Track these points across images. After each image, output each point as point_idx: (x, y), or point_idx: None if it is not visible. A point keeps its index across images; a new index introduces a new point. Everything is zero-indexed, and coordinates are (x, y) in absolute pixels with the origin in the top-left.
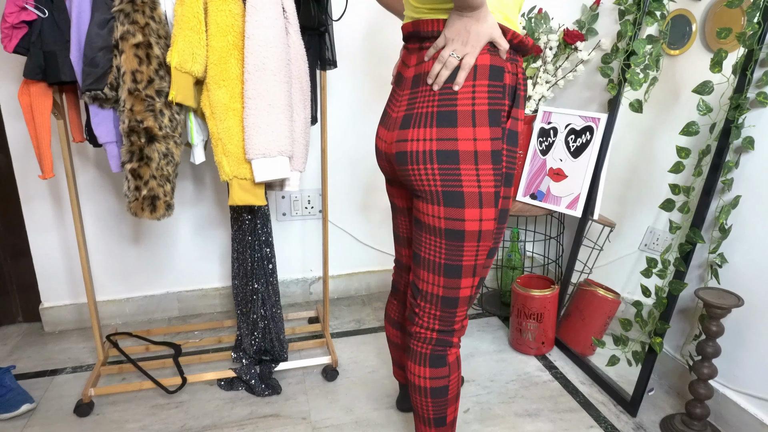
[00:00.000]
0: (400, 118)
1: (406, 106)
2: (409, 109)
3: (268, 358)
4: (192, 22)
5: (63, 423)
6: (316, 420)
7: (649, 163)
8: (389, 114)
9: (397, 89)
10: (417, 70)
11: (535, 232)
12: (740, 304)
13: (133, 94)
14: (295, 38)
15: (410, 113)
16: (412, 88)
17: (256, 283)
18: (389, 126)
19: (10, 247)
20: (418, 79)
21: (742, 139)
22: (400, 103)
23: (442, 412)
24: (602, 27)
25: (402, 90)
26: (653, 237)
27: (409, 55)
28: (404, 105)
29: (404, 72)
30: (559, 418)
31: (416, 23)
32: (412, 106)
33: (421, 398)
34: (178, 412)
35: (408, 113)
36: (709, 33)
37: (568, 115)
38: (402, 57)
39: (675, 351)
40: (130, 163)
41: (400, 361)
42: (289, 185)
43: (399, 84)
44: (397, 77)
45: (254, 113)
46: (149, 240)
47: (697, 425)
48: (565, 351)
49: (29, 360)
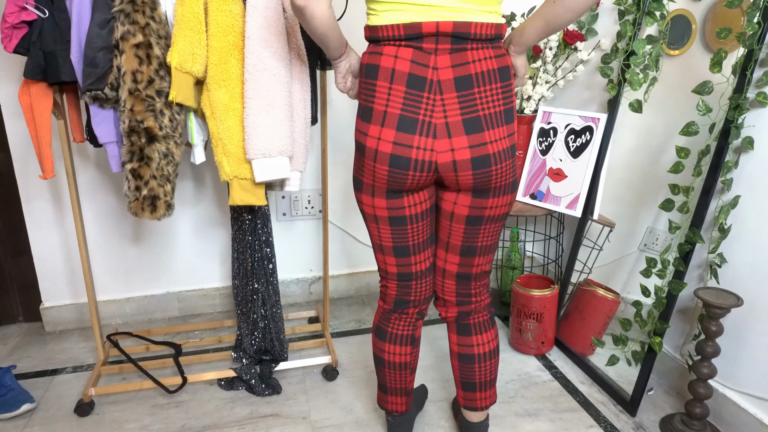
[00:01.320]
0: (459, 123)
1: (460, 110)
2: (470, 113)
3: (268, 358)
4: (192, 23)
5: (63, 423)
6: (316, 420)
7: (649, 163)
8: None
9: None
10: (458, 72)
11: (534, 232)
12: (740, 303)
13: (133, 94)
14: (295, 38)
15: (474, 116)
16: (460, 90)
17: (257, 283)
18: (434, 133)
19: (11, 247)
20: (466, 82)
21: (742, 139)
22: (444, 107)
23: (497, 369)
24: (602, 27)
25: (433, 93)
26: (653, 237)
27: (427, 56)
28: (455, 109)
29: (425, 74)
30: (558, 418)
31: (464, 25)
32: (473, 109)
33: (488, 363)
34: (179, 412)
35: (470, 117)
36: (708, 33)
37: (568, 115)
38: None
39: (674, 351)
40: (130, 163)
41: (408, 385)
42: (289, 185)
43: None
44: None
45: (254, 113)
46: (149, 240)
47: (697, 425)
48: (565, 351)
49: (30, 360)
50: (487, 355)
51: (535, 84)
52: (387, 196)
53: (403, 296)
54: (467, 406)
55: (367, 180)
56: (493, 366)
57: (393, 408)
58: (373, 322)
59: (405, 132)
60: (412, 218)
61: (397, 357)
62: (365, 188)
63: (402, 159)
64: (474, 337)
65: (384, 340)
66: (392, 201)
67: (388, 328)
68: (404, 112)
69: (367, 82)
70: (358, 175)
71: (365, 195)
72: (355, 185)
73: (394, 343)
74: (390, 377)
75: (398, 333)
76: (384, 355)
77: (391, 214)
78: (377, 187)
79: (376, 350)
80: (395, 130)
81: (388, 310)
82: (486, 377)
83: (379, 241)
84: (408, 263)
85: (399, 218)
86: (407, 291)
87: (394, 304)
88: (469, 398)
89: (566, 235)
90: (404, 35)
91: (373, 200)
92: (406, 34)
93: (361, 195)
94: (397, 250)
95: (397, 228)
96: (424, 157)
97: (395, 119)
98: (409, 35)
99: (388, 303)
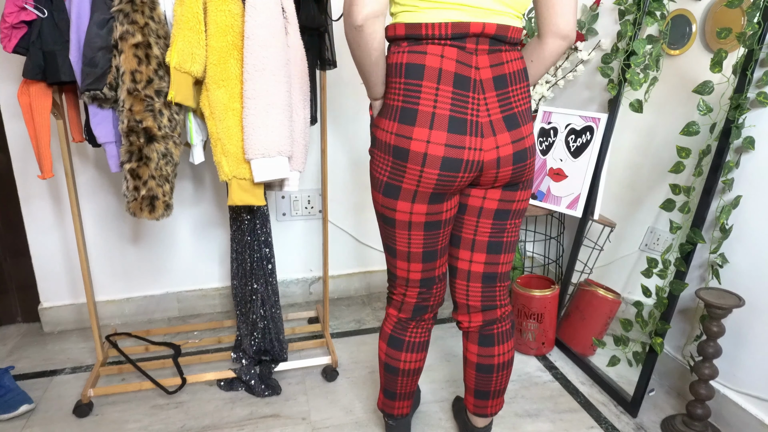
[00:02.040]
0: (500, 120)
1: (500, 108)
2: (507, 110)
3: (268, 359)
4: (191, 22)
5: (62, 423)
6: (316, 420)
7: (650, 163)
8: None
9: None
10: (496, 72)
11: (535, 232)
12: (741, 304)
13: (132, 94)
14: (295, 38)
15: (511, 113)
16: (498, 89)
17: (256, 284)
18: (481, 132)
19: (10, 247)
20: (502, 81)
21: (743, 139)
22: (487, 105)
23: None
24: (602, 27)
25: (477, 93)
26: (654, 237)
27: (470, 56)
28: (495, 107)
29: (469, 73)
30: (559, 419)
31: (504, 28)
32: (509, 106)
33: (505, 372)
34: (178, 413)
35: (508, 113)
36: (709, 33)
37: (568, 115)
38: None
39: (676, 351)
40: (129, 163)
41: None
42: (288, 185)
43: (466, 87)
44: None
45: (253, 113)
46: (149, 240)
47: (698, 426)
48: (566, 351)
49: (28, 360)
50: (506, 364)
51: (536, 84)
52: (430, 200)
53: (423, 302)
54: (477, 413)
55: (408, 186)
56: (508, 374)
57: (399, 412)
58: (384, 331)
59: (457, 133)
60: (446, 222)
61: (412, 365)
62: (403, 194)
63: (455, 161)
64: (496, 347)
65: (401, 350)
66: (433, 206)
67: (406, 337)
68: (453, 113)
69: (409, 83)
70: (392, 180)
71: (402, 202)
72: (386, 192)
73: (412, 352)
74: (402, 384)
75: (416, 341)
76: (399, 364)
77: (428, 219)
78: (421, 192)
79: (388, 360)
80: (446, 132)
81: (405, 318)
82: (501, 386)
83: (407, 248)
84: (433, 267)
85: (435, 223)
86: (428, 297)
87: (413, 312)
88: (480, 405)
89: (567, 235)
90: (451, 34)
91: (412, 206)
92: (453, 33)
93: (395, 202)
94: (426, 255)
95: (430, 233)
96: (475, 157)
97: (445, 120)
98: (456, 34)
99: (405, 311)
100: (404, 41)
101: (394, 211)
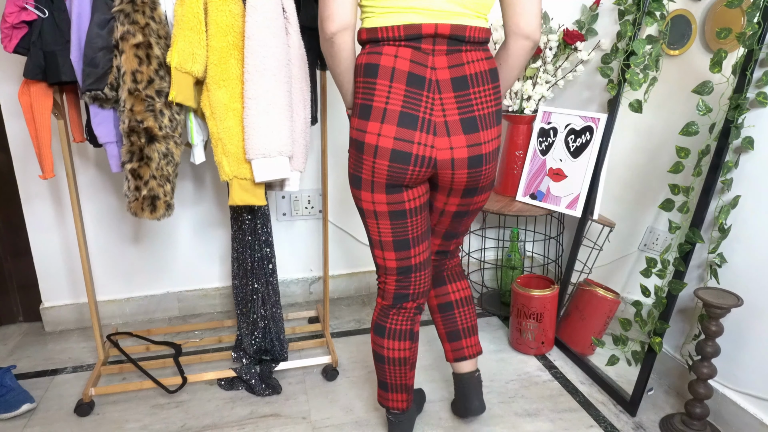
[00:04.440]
0: (457, 122)
1: (458, 109)
2: (466, 112)
3: (268, 358)
4: (192, 23)
5: (63, 423)
6: (316, 420)
7: (649, 163)
8: (421, 117)
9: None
10: (455, 73)
11: (534, 232)
12: (740, 303)
13: (133, 94)
14: (295, 38)
15: (470, 116)
16: (457, 90)
17: (256, 283)
18: (434, 130)
19: (11, 247)
20: (462, 82)
21: (742, 139)
22: (443, 105)
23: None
24: (602, 27)
25: (432, 92)
26: (653, 237)
27: (425, 56)
28: (453, 108)
29: (424, 73)
30: (558, 418)
31: (460, 27)
32: (469, 108)
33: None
34: (179, 412)
35: (467, 116)
36: (708, 33)
37: (568, 115)
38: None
39: (674, 351)
40: (130, 163)
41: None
42: (289, 185)
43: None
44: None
45: (254, 113)
46: (149, 240)
47: (697, 425)
48: (565, 351)
49: (29, 360)
50: (463, 300)
51: (535, 84)
52: (387, 191)
53: (401, 290)
54: (456, 357)
55: (365, 176)
56: (470, 312)
57: (394, 405)
58: (372, 320)
59: (406, 128)
60: (412, 212)
61: (396, 353)
62: (364, 184)
63: (404, 154)
64: (449, 285)
65: (383, 336)
66: (392, 196)
67: (387, 324)
68: (405, 109)
69: (366, 81)
70: (355, 172)
71: (364, 191)
72: (352, 183)
73: (393, 339)
74: (390, 374)
75: (397, 328)
76: (383, 351)
77: (391, 208)
78: (376, 182)
79: (375, 347)
80: (396, 126)
81: (386, 305)
82: (466, 323)
83: (378, 237)
84: (408, 256)
85: (399, 212)
86: (406, 285)
87: (393, 299)
88: (457, 348)
89: (566, 235)
90: (404, 36)
91: (372, 196)
92: (406, 35)
93: (359, 192)
94: (396, 244)
95: (397, 222)
96: (425, 152)
97: (396, 116)
98: (408, 36)
99: (386, 299)
100: (366, 44)
101: (360, 200)
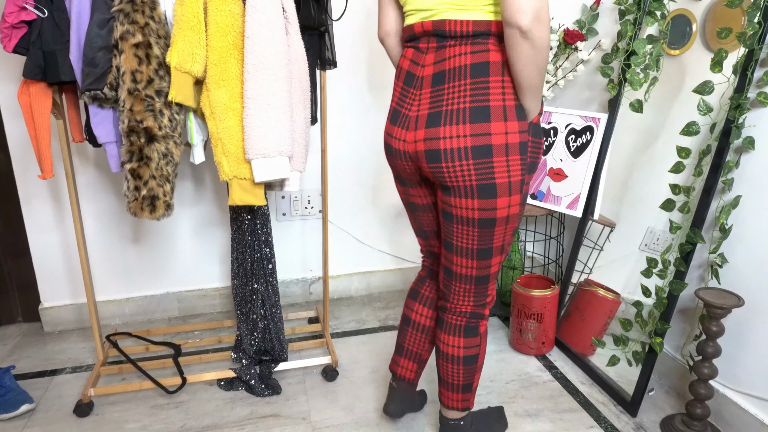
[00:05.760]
0: (424, 117)
1: (429, 105)
2: (435, 107)
3: (268, 358)
4: (192, 22)
5: (63, 423)
6: (316, 420)
7: (650, 163)
8: (403, 113)
9: (410, 88)
10: (437, 69)
11: (535, 232)
12: (741, 304)
13: (132, 94)
14: (295, 38)
15: (437, 111)
16: (434, 86)
17: (256, 283)
18: (407, 125)
19: (10, 247)
20: (440, 77)
21: (743, 139)
22: (419, 101)
23: (471, 379)
24: (602, 27)
25: (416, 89)
26: (653, 237)
27: (421, 54)
28: (426, 103)
29: (416, 71)
30: (559, 418)
31: (440, 22)
32: (438, 103)
33: (453, 366)
34: (178, 412)
35: (434, 111)
36: (709, 33)
37: (569, 115)
38: (410, 56)
39: (675, 351)
40: (129, 163)
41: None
42: (288, 185)
43: (410, 83)
44: (405, 76)
45: (254, 113)
46: (149, 240)
47: (698, 425)
48: (566, 351)
49: (29, 360)
50: (452, 357)
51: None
52: (398, 182)
53: (432, 267)
54: (440, 399)
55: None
56: (456, 372)
57: (402, 372)
58: (410, 288)
59: (392, 123)
60: (422, 207)
61: (423, 318)
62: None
63: (389, 147)
64: (442, 334)
65: (415, 300)
66: (402, 187)
67: (422, 290)
68: (397, 106)
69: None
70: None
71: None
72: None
73: (424, 305)
74: (410, 337)
75: (429, 296)
76: (412, 314)
77: (405, 198)
78: (393, 174)
79: (406, 310)
80: (389, 122)
81: (423, 276)
82: (450, 379)
83: (410, 219)
84: (429, 244)
85: (411, 204)
86: (436, 264)
87: (428, 272)
88: (440, 391)
89: (566, 235)
90: (407, 37)
91: (397, 186)
92: (408, 36)
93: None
94: (419, 231)
95: (412, 213)
96: (399, 146)
97: (391, 112)
98: (409, 36)
99: (423, 270)
100: None
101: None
